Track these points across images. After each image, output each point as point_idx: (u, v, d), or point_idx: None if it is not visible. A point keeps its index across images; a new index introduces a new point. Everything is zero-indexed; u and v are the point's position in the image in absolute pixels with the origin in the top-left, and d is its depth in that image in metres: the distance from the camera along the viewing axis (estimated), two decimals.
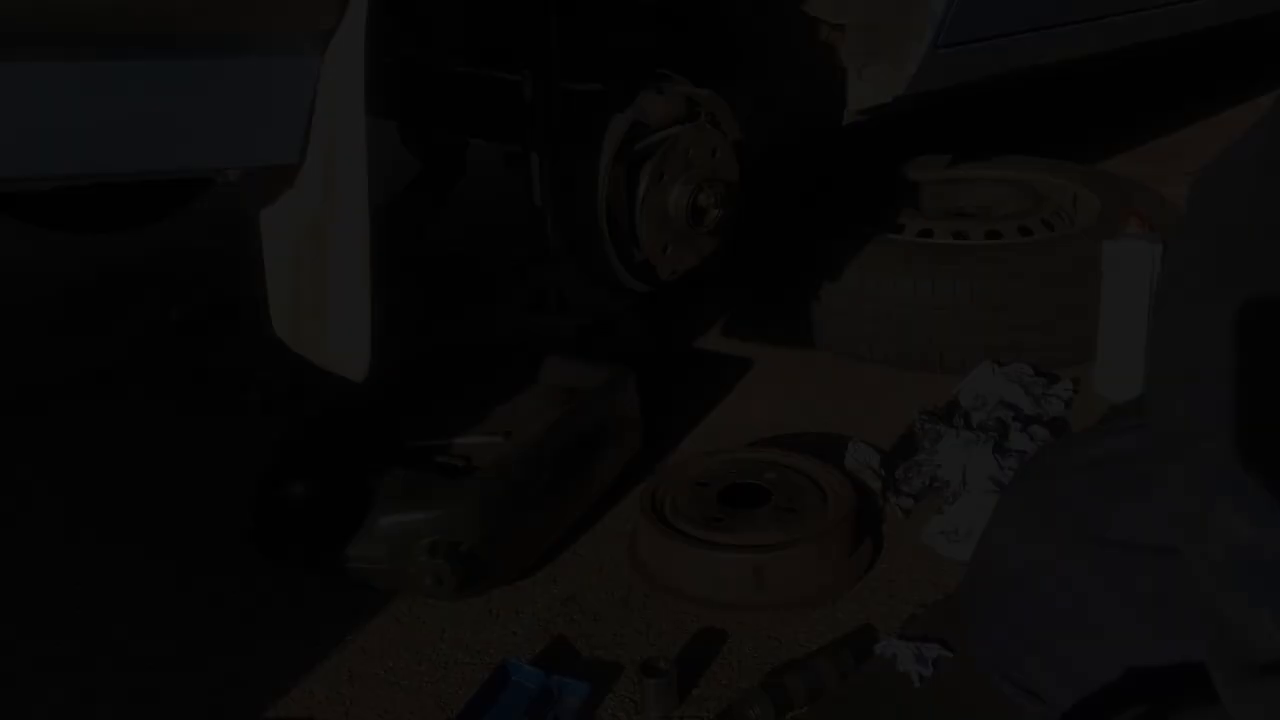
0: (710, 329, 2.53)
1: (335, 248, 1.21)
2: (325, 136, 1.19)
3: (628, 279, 1.87)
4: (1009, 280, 2.12)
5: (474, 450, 1.75)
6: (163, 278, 2.87)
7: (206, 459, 2.06)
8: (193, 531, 1.84)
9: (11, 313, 2.86)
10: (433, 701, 1.44)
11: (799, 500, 1.66)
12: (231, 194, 3.63)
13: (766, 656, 1.48)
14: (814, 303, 2.27)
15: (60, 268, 3.16)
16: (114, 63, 1.05)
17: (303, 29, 1.13)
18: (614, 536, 1.77)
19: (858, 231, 2.33)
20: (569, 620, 1.58)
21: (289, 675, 1.50)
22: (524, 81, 1.84)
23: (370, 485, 1.55)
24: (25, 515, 1.91)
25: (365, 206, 1.18)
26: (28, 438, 2.17)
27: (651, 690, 1.38)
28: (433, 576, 1.48)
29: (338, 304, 1.23)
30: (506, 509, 1.56)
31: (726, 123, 1.90)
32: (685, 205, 1.80)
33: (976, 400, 1.99)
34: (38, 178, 1.11)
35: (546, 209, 1.88)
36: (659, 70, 1.85)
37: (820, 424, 2.08)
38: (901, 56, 1.87)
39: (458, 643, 1.55)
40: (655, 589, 1.62)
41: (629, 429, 1.86)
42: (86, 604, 1.66)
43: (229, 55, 1.12)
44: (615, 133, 1.73)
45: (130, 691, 1.48)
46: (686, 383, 2.26)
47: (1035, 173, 2.63)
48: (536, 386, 1.93)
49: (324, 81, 1.17)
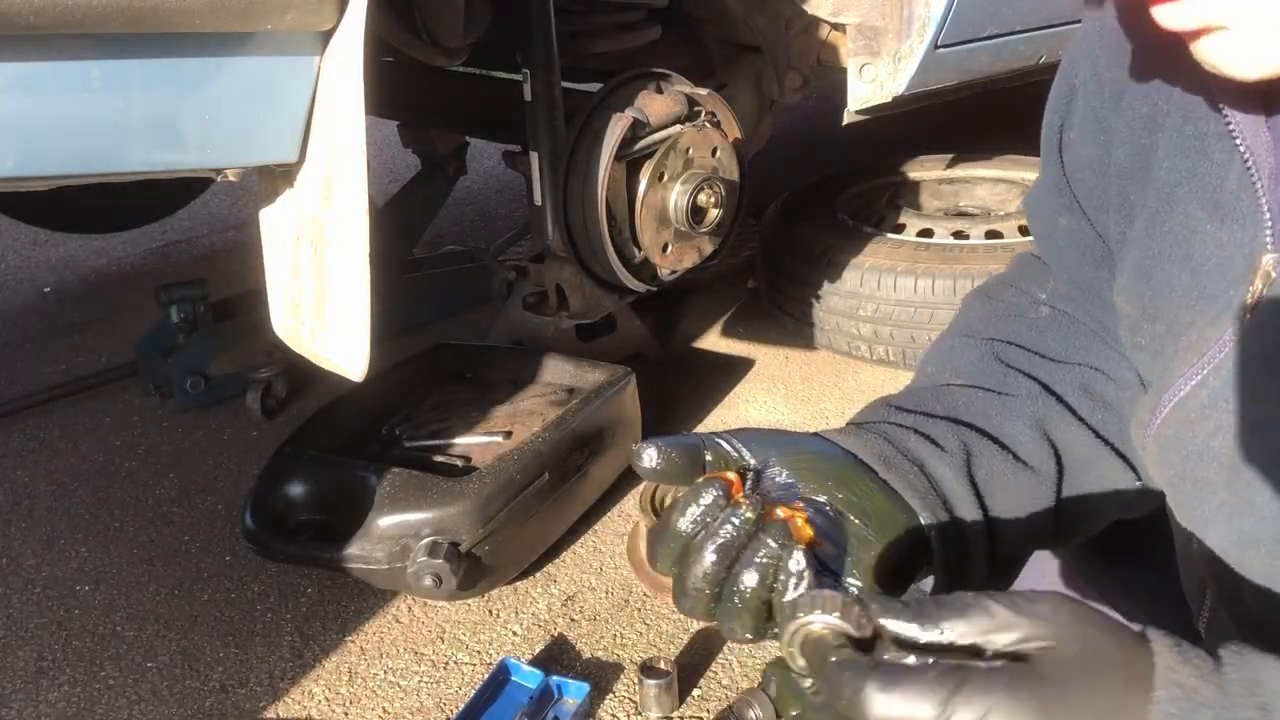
0: (710, 329, 2.53)
1: (335, 248, 1.21)
2: (325, 136, 1.19)
3: (628, 279, 1.87)
4: None
5: (474, 450, 1.74)
6: (163, 277, 2.87)
7: (206, 459, 2.06)
8: (192, 531, 1.84)
9: (11, 313, 2.86)
10: (433, 701, 1.44)
11: None
12: (232, 194, 3.64)
13: (767, 656, 1.48)
14: (814, 303, 2.27)
15: (60, 268, 3.16)
16: (114, 63, 1.05)
17: (303, 29, 1.13)
18: (614, 536, 1.77)
19: (858, 231, 2.33)
20: (569, 620, 1.58)
21: (289, 675, 1.50)
22: (524, 81, 1.84)
23: (370, 485, 1.55)
24: (25, 515, 1.91)
25: (365, 206, 1.18)
26: (28, 438, 2.17)
27: (651, 690, 1.38)
28: (433, 576, 1.48)
29: (338, 304, 1.23)
30: (506, 509, 1.56)
31: (726, 122, 1.90)
32: (685, 205, 1.80)
33: None
34: (37, 178, 1.11)
35: (546, 208, 1.88)
36: (659, 70, 1.85)
37: (820, 424, 2.08)
38: (901, 56, 1.87)
39: (458, 643, 1.55)
40: (655, 589, 1.62)
41: (629, 429, 1.86)
42: (87, 604, 1.66)
43: (229, 55, 1.12)
44: (615, 133, 1.73)
45: (131, 691, 1.49)
46: (686, 383, 2.26)
47: (1035, 172, 2.62)
48: (536, 386, 1.93)
49: (324, 81, 1.17)
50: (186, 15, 1.04)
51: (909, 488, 0.82)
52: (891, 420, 0.89)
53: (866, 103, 1.94)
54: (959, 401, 0.92)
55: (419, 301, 2.55)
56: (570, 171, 1.78)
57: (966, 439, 0.88)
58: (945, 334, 1.04)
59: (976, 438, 0.89)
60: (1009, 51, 2.09)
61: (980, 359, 0.97)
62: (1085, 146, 0.92)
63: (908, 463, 0.84)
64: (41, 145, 1.05)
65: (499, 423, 1.82)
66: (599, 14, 2.01)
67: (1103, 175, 0.91)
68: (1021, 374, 0.94)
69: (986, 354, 0.97)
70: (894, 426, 0.88)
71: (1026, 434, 0.90)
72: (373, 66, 1.16)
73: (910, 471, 0.83)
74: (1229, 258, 0.78)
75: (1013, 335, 0.98)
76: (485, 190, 3.70)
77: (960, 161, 2.72)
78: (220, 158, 1.17)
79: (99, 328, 2.71)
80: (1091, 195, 0.94)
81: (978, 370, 0.96)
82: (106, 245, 3.28)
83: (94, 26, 1.00)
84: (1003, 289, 1.06)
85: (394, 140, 2.63)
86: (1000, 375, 0.94)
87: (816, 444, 0.83)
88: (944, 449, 0.86)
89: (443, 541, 1.49)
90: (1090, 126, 0.92)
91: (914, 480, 0.83)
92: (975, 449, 0.88)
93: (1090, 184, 0.94)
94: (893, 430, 0.87)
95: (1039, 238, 1.06)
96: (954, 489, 0.85)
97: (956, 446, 0.87)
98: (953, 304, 2.13)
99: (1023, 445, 0.89)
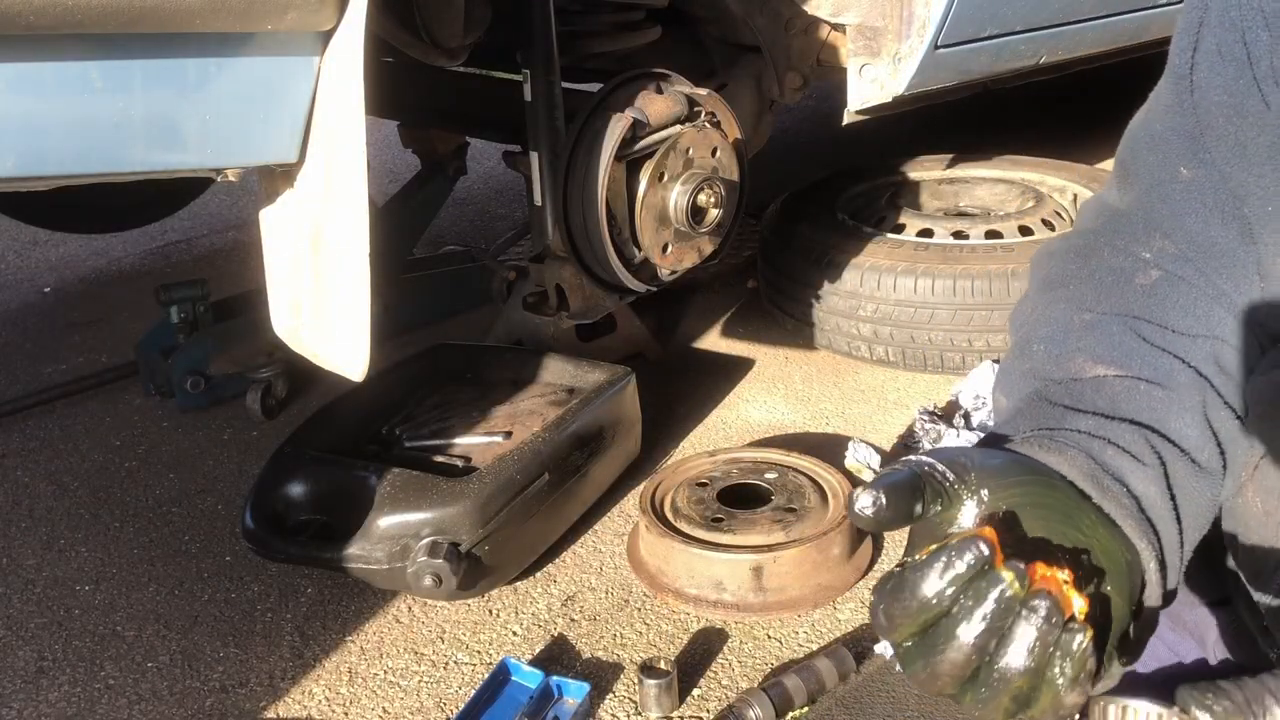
0: (710, 329, 2.53)
1: (335, 248, 1.21)
2: (325, 136, 1.19)
3: (628, 279, 1.87)
4: (1009, 280, 2.12)
5: (474, 450, 1.74)
6: (163, 277, 2.87)
7: (206, 459, 2.06)
8: (192, 531, 1.84)
9: (11, 313, 2.86)
10: (433, 701, 1.45)
11: (799, 500, 1.66)
12: (232, 194, 3.65)
13: (766, 656, 1.48)
14: (814, 303, 2.27)
15: (60, 268, 3.16)
16: (114, 63, 1.05)
17: (303, 29, 1.13)
18: (614, 536, 1.77)
19: (858, 231, 2.33)
20: (569, 620, 1.58)
21: (289, 675, 1.50)
22: (524, 81, 1.85)
23: (370, 485, 1.55)
24: (25, 515, 1.91)
25: (365, 206, 1.18)
26: (28, 438, 2.17)
27: (651, 690, 1.38)
28: (433, 576, 1.48)
29: (338, 304, 1.23)
30: (506, 509, 1.56)
31: (726, 122, 1.90)
32: (685, 205, 1.80)
33: (976, 400, 1.99)
34: (38, 178, 1.11)
35: (546, 208, 1.88)
36: (659, 70, 1.85)
37: (820, 424, 2.08)
38: (901, 57, 1.87)
39: (458, 643, 1.55)
40: (655, 589, 1.62)
41: (629, 429, 1.86)
42: (87, 604, 1.67)
43: (229, 55, 1.12)
44: (615, 133, 1.73)
45: (131, 691, 1.49)
46: (686, 383, 2.27)
47: (1035, 172, 2.63)
48: (536, 386, 1.93)
49: (324, 82, 1.17)
50: (187, 15, 1.04)
51: (1128, 517, 0.75)
52: (1077, 428, 0.80)
53: (866, 103, 1.94)
54: (1120, 396, 0.82)
55: (419, 301, 2.55)
56: (570, 172, 1.78)
57: (1156, 446, 0.80)
58: (1045, 297, 0.94)
59: (1161, 443, 0.80)
60: (1009, 51, 2.09)
61: (1119, 339, 0.86)
62: (1226, 91, 0.82)
63: (1117, 484, 0.76)
64: (42, 145, 1.06)
65: (499, 423, 1.82)
66: (599, 14, 2.01)
67: (1247, 122, 0.81)
68: (1172, 357, 0.85)
69: (1125, 332, 0.86)
70: (1085, 436, 0.79)
71: (1195, 430, 0.82)
72: (373, 66, 1.16)
73: (1122, 494, 0.76)
74: None
75: (1133, 307, 0.88)
76: (485, 190, 3.70)
77: (960, 161, 2.72)
78: (220, 158, 1.17)
79: (99, 328, 2.71)
80: (1229, 144, 0.84)
81: (1123, 354, 0.85)
82: (106, 245, 3.28)
83: (94, 26, 1.00)
84: (1097, 246, 0.94)
85: (394, 140, 2.64)
86: (1153, 361, 0.84)
87: (1026, 465, 0.74)
88: (1143, 462, 0.78)
89: (443, 541, 1.49)
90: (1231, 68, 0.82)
91: (1127, 504, 0.75)
92: (1166, 458, 0.80)
93: (1228, 132, 0.83)
94: (1085, 440, 0.78)
95: (1148, 188, 0.92)
96: (1159, 510, 0.77)
97: (1152, 459, 0.79)
98: (952, 304, 2.13)
99: (1194, 443, 0.81)
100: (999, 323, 2.13)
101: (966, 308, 2.13)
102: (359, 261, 1.19)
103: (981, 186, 2.65)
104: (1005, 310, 2.12)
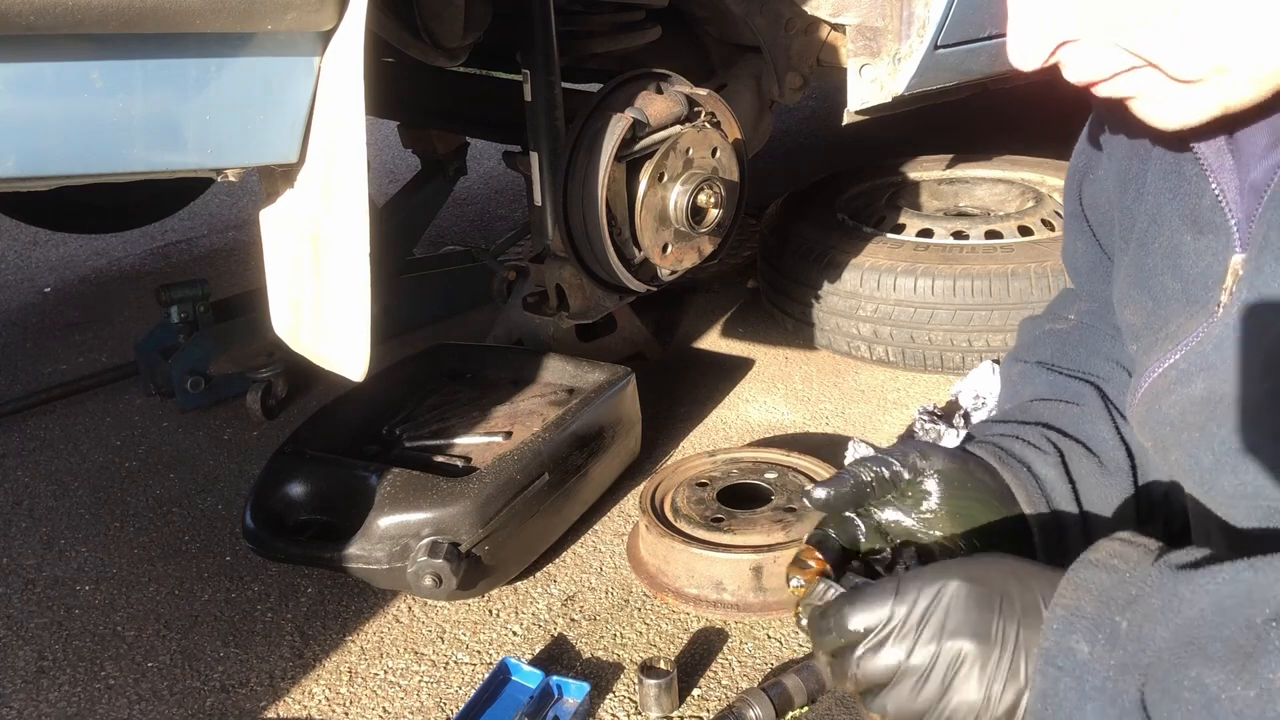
0: (710, 329, 2.53)
1: (335, 248, 1.21)
2: (325, 136, 1.19)
3: (628, 279, 1.86)
4: (1009, 280, 2.12)
5: (474, 450, 1.75)
6: (163, 277, 2.87)
7: (206, 459, 2.06)
8: (192, 531, 1.84)
9: (11, 313, 2.86)
10: (433, 701, 1.45)
11: (799, 500, 1.66)
12: (232, 194, 3.65)
13: (766, 656, 1.48)
14: (814, 303, 2.28)
15: (60, 268, 3.16)
16: (114, 63, 1.05)
17: (303, 29, 1.13)
18: (614, 536, 1.78)
19: (858, 231, 2.33)
20: (569, 620, 1.58)
21: (289, 675, 1.50)
22: (524, 81, 1.84)
23: (370, 485, 1.55)
24: (25, 515, 1.91)
25: (365, 206, 1.18)
26: (28, 438, 2.17)
27: (651, 690, 1.38)
28: (433, 576, 1.48)
29: (337, 304, 1.23)
30: (506, 509, 1.56)
31: (726, 122, 1.90)
32: (685, 205, 1.80)
33: (976, 400, 1.99)
34: (38, 178, 1.11)
35: (546, 208, 1.88)
36: (659, 70, 1.85)
37: (820, 424, 2.09)
38: (901, 57, 1.87)
39: (458, 643, 1.55)
40: (655, 589, 1.62)
41: (629, 429, 1.86)
42: (87, 604, 1.67)
43: (229, 55, 1.12)
44: (615, 133, 1.73)
45: (131, 691, 1.49)
46: (686, 383, 2.27)
47: (1035, 172, 2.63)
48: (536, 386, 1.93)
49: (324, 82, 1.17)
50: (187, 15, 1.04)
51: (1021, 486, 1.05)
52: (998, 432, 1.12)
53: (866, 103, 1.94)
54: (1042, 411, 1.14)
55: (419, 301, 2.55)
56: (570, 172, 1.78)
57: (1054, 440, 1.10)
58: (1009, 360, 1.29)
59: (1061, 439, 1.10)
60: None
61: (1045, 376, 1.19)
62: (1100, 182, 1.15)
63: (1019, 464, 1.07)
64: (42, 145, 1.05)
65: (499, 423, 1.82)
66: (599, 14, 2.01)
67: (1108, 201, 1.12)
68: (1083, 382, 1.16)
69: (1048, 370, 1.19)
70: (1000, 436, 1.11)
71: (1108, 436, 1.11)
72: (373, 66, 1.16)
73: (1021, 471, 1.06)
74: (1209, 264, 0.93)
75: (1057, 352, 1.22)
76: (485, 190, 3.70)
77: (960, 162, 2.72)
78: (221, 158, 1.17)
79: (99, 328, 2.71)
80: (1099, 219, 1.16)
81: (1047, 385, 1.18)
82: (106, 245, 3.28)
83: (94, 26, 1.00)
84: (1044, 316, 1.31)
85: (394, 140, 2.64)
86: (1071, 386, 1.16)
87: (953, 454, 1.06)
88: (1043, 450, 1.08)
89: (443, 541, 1.49)
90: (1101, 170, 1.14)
91: (1023, 477, 1.06)
92: (1065, 450, 1.09)
93: (1100, 210, 1.15)
94: (1000, 439, 1.10)
95: (1064, 263, 1.30)
96: (1059, 491, 1.06)
97: (1051, 448, 1.09)
98: (952, 304, 2.13)
99: (1104, 447, 1.10)
100: (998, 323, 2.13)
101: (966, 308, 2.13)
102: (359, 261, 1.19)
103: (981, 186, 2.65)
104: (1005, 310, 2.12)
